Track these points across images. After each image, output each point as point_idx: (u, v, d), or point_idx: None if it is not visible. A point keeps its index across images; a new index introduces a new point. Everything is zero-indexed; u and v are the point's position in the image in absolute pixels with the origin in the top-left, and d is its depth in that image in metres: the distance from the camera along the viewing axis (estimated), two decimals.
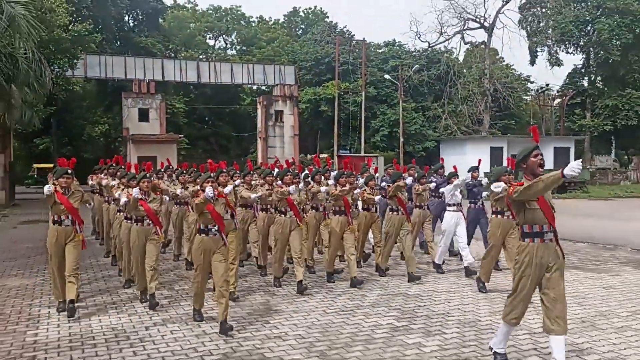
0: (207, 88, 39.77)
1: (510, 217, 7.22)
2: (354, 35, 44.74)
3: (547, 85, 46.83)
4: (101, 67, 28.96)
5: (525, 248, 4.43)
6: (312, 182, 8.66)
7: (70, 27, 21.82)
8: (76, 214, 6.57)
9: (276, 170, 9.74)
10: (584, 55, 45.13)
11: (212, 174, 6.21)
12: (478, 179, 9.03)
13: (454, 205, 8.59)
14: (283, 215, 7.52)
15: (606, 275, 8.49)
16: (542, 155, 4.37)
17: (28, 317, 6.42)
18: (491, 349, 4.72)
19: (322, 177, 9.00)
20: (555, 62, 45.19)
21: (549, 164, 33.99)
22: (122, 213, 7.69)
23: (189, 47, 43.87)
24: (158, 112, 29.71)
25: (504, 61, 50.80)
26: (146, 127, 29.30)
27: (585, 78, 46.23)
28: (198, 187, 6.43)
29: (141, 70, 29.77)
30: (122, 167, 9.69)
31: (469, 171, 9.12)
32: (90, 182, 11.58)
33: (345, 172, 8.32)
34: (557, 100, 47.59)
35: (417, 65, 35.73)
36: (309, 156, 31.40)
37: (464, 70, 42.51)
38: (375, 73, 37.30)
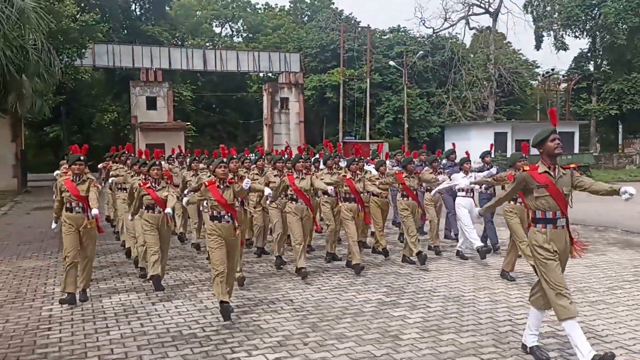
0: (214, 76, 40.09)
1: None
2: (360, 22, 44.89)
3: (553, 69, 46.84)
4: (109, 56, 29.38)
5: (537, 236, 4.38)
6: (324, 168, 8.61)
7: (78, 17, 22.22)
8: (85, 201, 6.45)
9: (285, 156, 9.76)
10: (590, 39, 45.01)
11: (224, 159, 6.10)
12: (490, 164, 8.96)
13: (464, 190, 8.53)
14: (294, 202, 7.54)
15: (592, 254, 8.85)
16: (559, 139, 4.31)
17: (43, 295, 6.90)
18: (525, 347, 4.60)
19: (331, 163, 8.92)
20: (561, 46, 45.13)
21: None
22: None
23: (196, 35, 44.14)
24: (165, 100, 30.15)
25: (511, 46, 50.79)
26: (154, 115, 29.75)
27: (592, 62, 46.13)
28: (209, 175, 6.55)
29: (148, 58, 30.17)
30: (133, 154, 9.77)
31: (481, 156, 9.04)
32: (101, 170, 11.61)
33: (357, 159, 8.34)
34: (564, 85, 47.53)
35: (421, 52, 35.88)
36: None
37: (471, 55, 42.56)
38: (380, 60, 37.48)
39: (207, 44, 44.36)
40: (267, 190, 7.39)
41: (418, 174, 8.25)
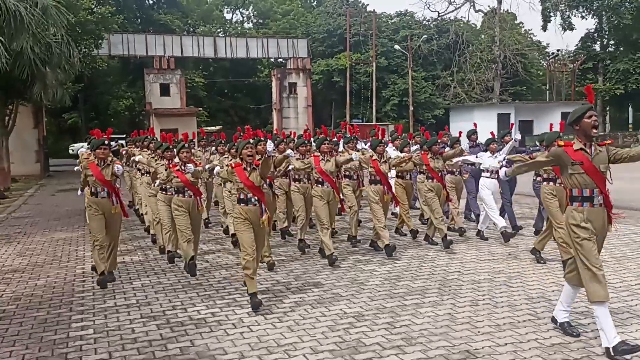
0: (226, 62, 41.18)
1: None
2: (367, 5, 45.72)
3: (558, 50, 47.33)
4: (124, 45, 30.61)
5: (574, 214, 4.30)
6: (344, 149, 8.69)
7: (94, 9, 23.44)
8: (110, 186, 6.47)
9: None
10: (596, 20, 45.31)
11: (250, 141, 5.90)
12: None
13: (489, 171, 8.35)
14: (320, 185, 7.47)
15: None
16: (596, 116, 4.24)
17: (75, 258, 8.21)
18: (608, 350, 4.17)
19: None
20: (568, 26, 45.53)
21: (555, 128, 35.04)
22: (150, 187, 8.01)
23: (207, 21, 45.23)
24: (178, 87, 31.36)
25: (523, 26, 51.14)
26: (167, 101, 31.00)
27: (598, 42, 46.45)
28: (236, 158, 6.32)
29: (161, 47, 31.35)
30: (155, 138, 9.64)
31: (500, 137, 8.98)
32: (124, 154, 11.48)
33: (382, 141, 8.19)
34: (572, 65, 47.98)
35: (425, 36, 36.67)
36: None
37: (480, 37, 43.14)
38: (386, 44, 38.34)
39: (218, 31, 45.45)
40: (289, 151, 7.26)
41: (442, 155, 8.16)
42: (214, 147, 10.46)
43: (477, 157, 8.56)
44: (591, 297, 4.17)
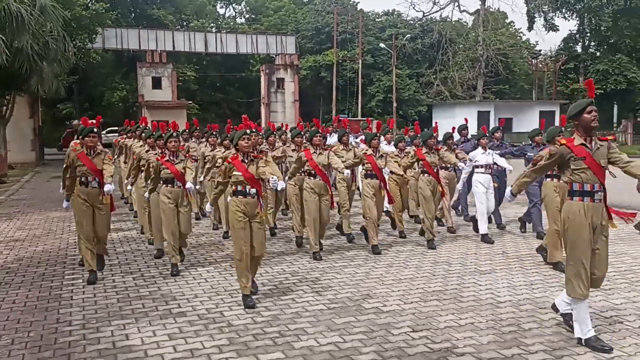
0: (218, 56, 42.36)
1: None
2: (358, 2, 46.96)
3: (540, 50, 48.90)
4: (117, 39, 31.79)
5: (573, 207, 4.26)
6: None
7: (89, 5, 24.59)
8: (101, 175, 6.27)
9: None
10: (578, 21, 46.74)
11: (247, 131, 5.72)
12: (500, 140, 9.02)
13: (482, 167, 8.31)
14: (312, 178, 7.24)
15: None
16: (596, 111, 4.20)
17: (69, 231, 9.47)
18: (580, 340, 4.29)
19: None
20: (551, 27, 46.99)
21: (534, 126, 36.48)
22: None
23: (200, 16, 46.31)
24: (170, 80, 32.57)
25: (514, 25, 52.50)
26: (159, 93, 32.22)
27: (579, 43, 47.93)
28: (231, 149, 6.35)
29: (154, 41, 32.54)
30: (147, 127, 9.55)
31: (491, 132, 8.98)
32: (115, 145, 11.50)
33: (377, 134, 8.09)
34: (554, 65, 49.43)
35: (409, 35, 37.97)
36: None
37: (465, 36, 44.44)
38: (373, 42, 39.61)
39: (211, 25, 46.57)
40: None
41: (438, 151, 8.04)
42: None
43: (470, 160, 8.35)
44: (570, 293, 4.23)
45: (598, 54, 46.02)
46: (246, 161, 5.45)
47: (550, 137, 6.84)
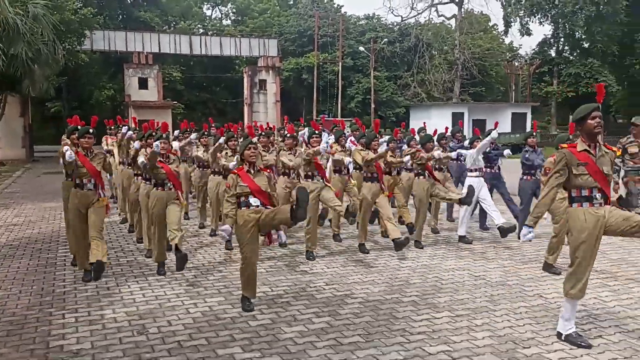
0: (203, 57, 43.69)
1: None
2: (342, 6, 48.58)
3: (517, 54, 50.70)
4: (105, 41, 33.00)
5: (574, 214, 4.27)
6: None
7: (78, 10, 25.83)
8: (99, 177, 6.19)
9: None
10: (552, 26, 48.49)
11: (252, 140, 5.52)
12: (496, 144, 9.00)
13: (475, 170, 8.25)
14: (309, 180, 7.17)
15: None
16: (601, 117, 4.19)
17: (60, 218, 10.79)
18: (560, 334, 4.45)
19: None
20: (526, 32, 48.72)
21: (506, 128, 38.12)
22: (139, 177, 7.60)
23: (187, 18, 47.55)
24: (156, 81, 33.82)
25: (497, 28, 54.14)
26: (146, 94, 33.46)
27: (554, 48, 49.69)
28: (237, 157, 5.92)
29: (140, 43, 33.79)
30: (137, 128, 9.38)
31: (486, 135, 8.77)
32: (104, 146, 11.25)
33: (376, 135, 7.95)
34: (529, 68, 51.20)
35: (385, 39, 39.52)
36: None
37: (442, 39, 46.05)
38: (353, 45, 41.11)
39: (198, 26, 47.83)
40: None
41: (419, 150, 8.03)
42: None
43: (462, 157, 8.49)
44: (565, 291, 4.31)
45: (571, 58, 47.74)
46: (252, 172, 5.29)
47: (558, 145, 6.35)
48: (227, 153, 7.85)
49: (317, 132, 7.37)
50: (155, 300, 5.56)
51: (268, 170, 5.58)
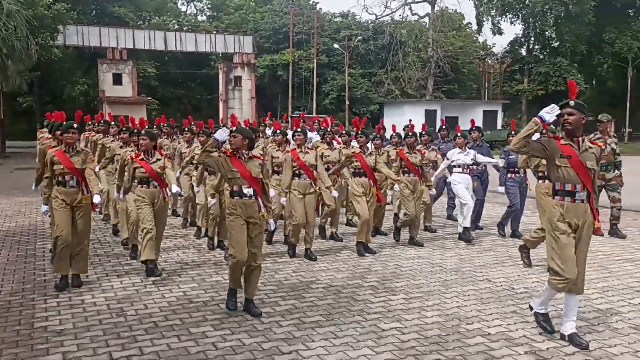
0: (178, 53, 43.69)
1: None
2: (318, 2, 48.88)
3: (490, 52, 51.72)
4: (78, 36, 32.89)
5: (554, 207, 4.33)
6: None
7: (51, 5, 25.75)
8: (80, 174, 5.88)
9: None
10: (523, 26, 49.60)
11: (232, 129, 5.32)
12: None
13: (459, 167, 8.23)
14: (297, 178, 7.14)
15: None
16: (570, 113, 4.23)
17: (36, 213, 11.02)
18: (531, 308, 4.69)
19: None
20: (498, 31, 49.77)
21: (478, 124, 38.99)
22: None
23: (161, 13, 47.38)
24: (130, 77, 33.84)
25: (471, 26, 55.06)
26: (120, 89, 33.46)
27: (524, 47, 50.82)
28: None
29: (114, 39, 33.74)
30: (117, 123, 9.15)
31: (469, 131, 8.93)
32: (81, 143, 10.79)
33: (375, 134, 8.20)
34: (500, 67, 52.31)
35: (360, 37, 40.06)
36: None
37: (416, 37, 46.78)
38: (328, 42, 41.56)
39: (173, 22, 47.71)
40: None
41: (420, 151, 8.17)
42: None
43: (447, 159, 8.39)
44: (550, 283, 4.39)
45: (541, 57, 48.87)
46: (244, 158, 5.16)
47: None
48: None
49: (298, 129, 7.48)
50: (132, 287, 5.92)
51: (260, 158, 5.41)
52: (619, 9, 45.63)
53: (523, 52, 50.30)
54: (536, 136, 5.76)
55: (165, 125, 10.84)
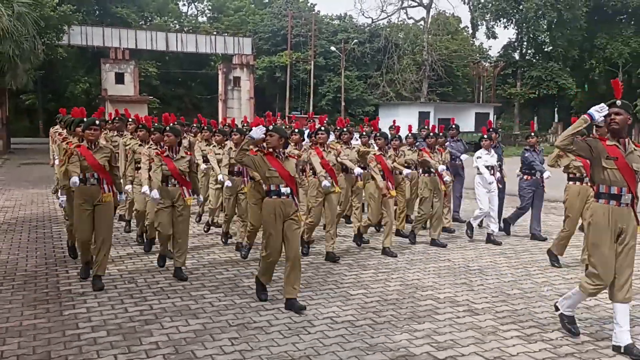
0: (179, 53, 44.64)
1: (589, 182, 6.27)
2: (316, 4, 49.90)
3: (485, 56, 52.77)
4: (82, 36, 33.81)
5: (597, 210, 4.22)
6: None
7: (57, 7, 26.65)
8: (103, 171, 5.75)
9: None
10: (516, 30, 50.61)
11: (268, 127, 5.33)
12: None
13: (485, 168, 8.15)
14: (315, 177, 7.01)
15: None
16: (617, 113, 4.11)
17: (48, 202, 11.94)
18: (557, 308, 4.61)
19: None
20: (492, 35, 50.84)
21: (470, 127, 39.98)
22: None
23: (163, 14, 48.35)
24: (132, 76, 34.77)
25: (468, 29, 55.94)
26: (122, 88, 34.39)
27: (517, 51, 51.83)
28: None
29: (117, 39, 34.69)
30: (133, 119, 8.91)
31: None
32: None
33: (396, 135, 8.04)
34: (496, 70, 53.30)
35: (356, 40, 41.07)
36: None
37: (410, 40, 47.74)
38: (325, 45, 42.54)
39: (174, 23, 48.69)
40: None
41: (440, 150, 8.12)
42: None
43: (477, 158, 8.24)
44: (581, 287, 4.33)
45: (534, 61, 49.88)
46: (281, 157, 5.15)
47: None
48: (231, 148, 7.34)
49: (322, 127, 7.30)
50: (141, 262, 6.87)
51: (295, 157, 5.37)
52: (610, 15, 46.64)
53: (516, 56, 51.30)
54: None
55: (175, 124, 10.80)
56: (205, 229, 8.68)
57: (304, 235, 7.12)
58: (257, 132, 5.02)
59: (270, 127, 5.26)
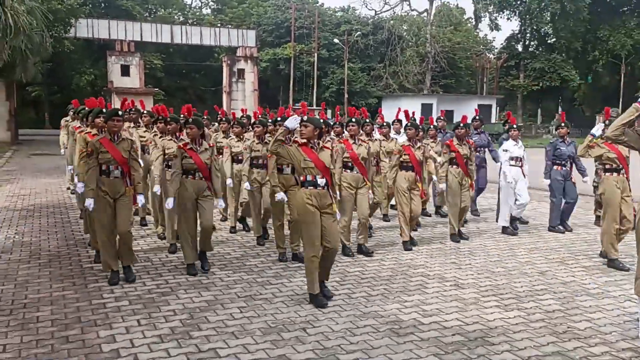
0: (184, 46, 45.10)
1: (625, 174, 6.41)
2: None
3: (489, 47, 53.06)
4: (88, 29, 34.28)
5: None
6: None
7: (65, 0, 27.15)
8: (126, 164, 5.63)
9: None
10: (520, 22, 50.85)
11: (303, 117, 5.06)
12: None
13: (513, 159, 8.08)
14: (349, 171, 6.71)
15: None
16: None
17: (61, 190, 12.47)
18: None
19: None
20: (495, 27, 51.11)
21: (473, 117, 40.35)
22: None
23: (167, 6, 48.79)
24: (137, 68, 35.25)
25: (472, 21, 56.25)
26: (127, 80, 34.88)
27: (520, 43, 52.09)
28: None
29: (122, 31, 35.16)
30: (149, 111, 8.70)
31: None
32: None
33: (408, 124, 7.59)
34: (499, 61, 53.58)
35: (359, 32, 41.45)
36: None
37: (413, 33, 48.12)
38: (328, 37, 42.94)
39: (177, 15, 49.12)
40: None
41: (469, 143, 7.72)
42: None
43: (505, 150, 8.18)
44: (636, 290, 4.25)
45: (537, 53, 50.10)
46: (316, 147, 5.03)
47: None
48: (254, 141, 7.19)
49: (353, 119, 6.97)
50: (155, 244, 7.42)
51: (330, 149, 5.16)
52: (613, 6, 46.84)
53: (519, 48, 51.58)
54: (597, 127, 6.35)
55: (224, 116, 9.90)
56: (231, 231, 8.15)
57: (344, 240, 6.73)
58: (292, 122, 4.94)
59: (305, 118, 5.05)
